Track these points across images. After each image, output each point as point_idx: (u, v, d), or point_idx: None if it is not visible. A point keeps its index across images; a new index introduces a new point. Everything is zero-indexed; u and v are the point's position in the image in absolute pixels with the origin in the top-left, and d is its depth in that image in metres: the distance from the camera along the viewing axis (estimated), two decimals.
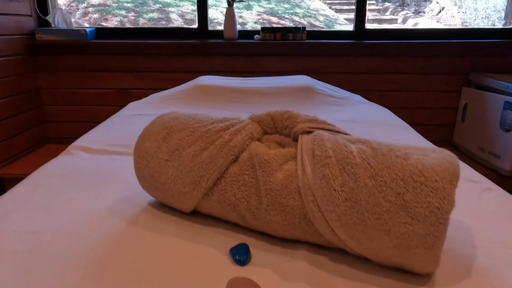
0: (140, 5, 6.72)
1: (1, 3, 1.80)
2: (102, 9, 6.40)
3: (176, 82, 2.07)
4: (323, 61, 2.05)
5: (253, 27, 6.44)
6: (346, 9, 9.23)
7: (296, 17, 6.99)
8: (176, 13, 6.57)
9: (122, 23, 6.17)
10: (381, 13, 9.66)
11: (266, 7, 7.43)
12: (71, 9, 6.48)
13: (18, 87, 1.93)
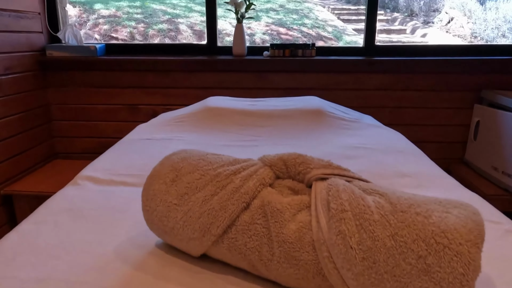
0: (149, 16, 6.78)
1: (13, 20, 1.81)
2: (112, 20, 6.47)
3: (185, 98, 2.07)
4: (333, 78, 2.03)
5: (262, 38, 6.46)
6: (355, 20, 9.23)
7: (305, 28, 6.99)
8: (185, 24, 6.62)
9: (131, 34, 6.22)
10: (390, 23, 9.64)
11: (275, 18, 7.45)
12: (81, 20, 6.56)
13: (28, 103, 1.94)
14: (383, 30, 8.84)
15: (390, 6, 10.35)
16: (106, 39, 6.23)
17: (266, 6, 8.49)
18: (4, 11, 1.76)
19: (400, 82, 2.03)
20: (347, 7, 10.43)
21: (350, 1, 11.28)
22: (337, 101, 2.05)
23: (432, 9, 9.24)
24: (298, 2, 9.44)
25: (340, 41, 7.05)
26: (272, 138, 1.08)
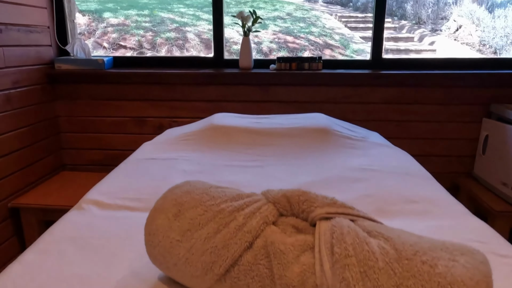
0: (157, 24, 6.83)
1: (23, 34, 1.84)
2: (121, 29, 6.53)
3: (192, 111, 2.07)
4: (340, 91, 2.02)
5: (269, 46, 6.47)
6: (362, 27, 9.22)
7: (312, 36, 7.00)
8: (193, 33, 6.66)
9: (139, 42, 6.27)
10: (397, 31, 9.61)
11: (282, 26, 7.47)
12: (90, 28, 6.63)
13: (36, 116, 1.96)
14: (390, 38, 8.83)
15: (397, 13, 10.33)
16: (115, 47, 6.29)
17: (274, 14, 8.51)
18: (14, 25, 1.78)
19: (407, 96, 2.01)
20: (354, 15, 10.43)
21: (358, 9, 11.29)
22: (344, 114, 2.04)
23: (440, 17, 9.20)
24: (305, 10, 9.46)
25: (347, 49, 7.05)
26: (277, 158, 1.08)
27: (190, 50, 6.38)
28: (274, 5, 9.58)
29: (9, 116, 1.77)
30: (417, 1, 9.58)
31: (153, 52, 6.24)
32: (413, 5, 9.64)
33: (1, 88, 1.72)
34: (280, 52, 6.35)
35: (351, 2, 11.89)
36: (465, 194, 2.02)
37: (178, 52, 6.29)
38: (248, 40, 2.06)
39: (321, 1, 12.55)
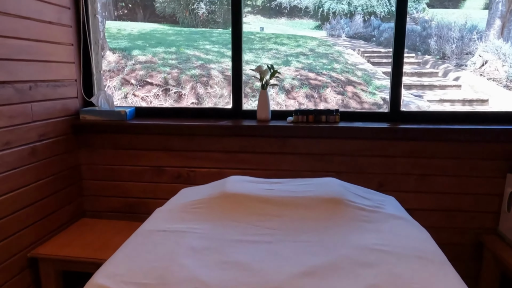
0: (183, 62, 7.06)
1: (51, 89, 1.93)
2: (148, 66, 6.77)
3: (210, 161, 2.10)
4: (357, 144, 2.01)
5: (291, 83, 6.55)
6: (385, 62, 9.23)
7: (334, 73, 7.06)
8: (217, 70, 6.83)
9: (165, 79, 6.47)
10: (421, 66, 9.57)
11: (304, 63, 7.58)
12: (119, 65, 6.90)
13: (59, 165, 2.02)
14: (414, 73, 8.78)
15: (421, 48, 10.32)
16: (142, 84, 6.52)
17: (296, 51, 8.66)
18: (43, 81, 1.88)
19: (427, 150, 1.98)
20: (377, 50, 10.49)
21: (381, 43, 11.35)
22: (362, 167, 2.02)
23: (465, 52, 9.13)
24: (328, 46, 9.58)
25: (370, 85, 7.05)
26: (287, 233, 1.07)
27: (213, 86, 6.53)
28: (297, 41, 9.75)
29: (33, 167, 1.84)
30: (441, 36, 9.56)
31: (178, 88, 6.42)
32: (436, 40, 9.62)
33: (28, 142, 1.80)
34: (302, 89, 6.42)
35: (374, 37, 11.98)
36: (489, 252, 1.93)
37: (202, 89, 6.45)
38: (265, 93, 2.10)
39: (344, 36, 12.71)
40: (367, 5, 13.95)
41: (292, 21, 16.15)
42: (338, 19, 13.29)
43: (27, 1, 1.75)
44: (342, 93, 6.53)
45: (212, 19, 12.36)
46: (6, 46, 1.64)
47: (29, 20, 1.77)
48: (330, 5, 14.09)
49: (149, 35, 9.37)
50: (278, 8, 16.19)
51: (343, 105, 6.37)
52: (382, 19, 13.42)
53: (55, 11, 1.93)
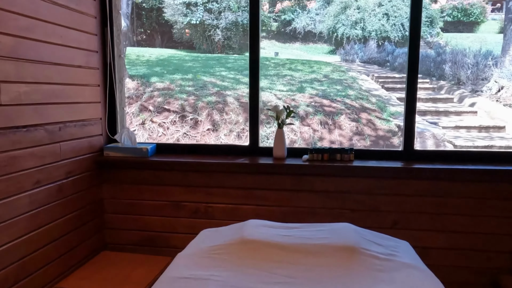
0: (200, 89, 7.24)
1: (78, 129, 2.04)
2: (166, 93, 6.96)
3: (227, 197, 2.16)
4: (371, 182, 2.05)
5: (305, 110, 6.63)
6: (399, 88, 9.27)
7: (348, 100, 7.13)
8: (232, 96, 6.98)
9: (182, 106, 6.63)
10: (436, 92, 9.57)
11: (319, 89, 7.68)
12: (138, 92, 7.11)
13: (84, 200, 2.11)
14: (429, 99, 8.79)
15: (435, 74, 10.34)
16: (159, 110, 6.69)
17: (311, 77, 8.79)
18: (71, 122, 1.99)
19: (441, 189, 2.01)
20: (391, 75, 10.55)
21: (395, 69, 11.41)
22: (376, 205, 2.05)
23: (481, 78, 9.11)
24: (342, 72, 9.70)
25: (384, 112, 7.08)
26: (303, 282, 1.11)
27: (229, 113, 6.66)
28: (312, 67, 9.90)
29: (60, 204, 1.93)
30: (456, 62, 9.58)
31: (194, 115, 6.57)
32: (451, 66, 9.64)
33: (56, 180, 1.90)
34: (316, 115, 6.49)
35: (388, 62, 12.06)
36: None
37: (218, 115, 6.58)
38: (282, 132, 2.17)
39: (358, 61, 12.84)
40: (381, 30, 14.10)
41: (306, 46, 16.40)
42: (352, 44, 13.44)
43: (61, 49, 1.87)
44: (357, 120, 6.57)
45: (228, 45, 12.65)
46: (40, 91, 1.76)
47: (61, 66, 1.89)
48: (344, 30, 14.29)
49: (167, 62, 9.64)
50: (293, 33, 16.48)
51: (357, 132, 6.41)
52: (396, 44, 13.52)
53: (84, 55, 2.06)
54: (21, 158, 1.68)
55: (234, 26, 12.22)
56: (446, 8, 17.75)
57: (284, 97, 7.03)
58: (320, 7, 15.94)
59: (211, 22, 12.10)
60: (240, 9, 12.20)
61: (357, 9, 14.27)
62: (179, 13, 12.21)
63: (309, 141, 6.20)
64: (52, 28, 1.81)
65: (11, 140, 1.62)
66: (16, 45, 1.62)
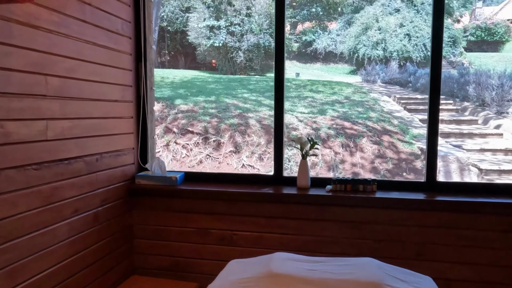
0: (222, 111, 7.40)
1: (113, 159, 2.17)
2: (190, 115, 7.15)
3: (252, 226, 2.23)
4: (394, 214, 2.09)
5: (327, 133, 6.68)
6: (422, 109, 9.22)
7: (370, 122, 7.14)
8: (254, 119, 7.10)
9: (205, 128, 6.79)
10: (460, 113, 9.46)
11: (340, 111, 7.73)
12: (163, 114, 7.32)
13: (116, 226, 2.22)
14: (452, 121, 8.70)
15: (459, 95, 10.24)
16: (183, 132, 6.86)
17: (332, 98, 8.86)
18: (107, 153, 2.12)
19: (465, 221, 2.02)
20: (413, 96, 10.52)
21: (417, 89, 11.36)
22: (399, 236, 2.08)
23: (506, 99, 8.97)
24: (363, 93, 9.73)
25: (407, 135, 7.05)
26: None
27: (251, 135, 6.77)
28: (333, 88, 9.97)
29: (95, 231, 2.04)
30: (480, 83, 9.47)
31: (217, 137, 6.71)
32: (475, 87, 9.54)
33: (92, 208, 2.01)
34: (338, 138, 6.53)
35: (410, 82, 12.02)
36: None
37: (240, 137, 6.70)
38: (305, 162, 2.24)
39: (379, 81, 12.85)
40: (402, 50, 14.10)
41: (327, 66, 16.53)
42: (373, 65, 13.48)
43: (100, 86, 2.02)
44: (378, 142, 6.57)
45: (249, 66, 12.89)
46: (81, 126, 1.90)
47: (100, 101, 2.03)
48: (365, 51, 14.36)
49: (190, 83, 9.89)
50: (314, 54, 16.65)
51: (379, 154, 6.40)
52: (418, 65, 13.48)
53: (120, 90, 2.20)
54: (62, 189, 1.80)
55: (256, 48, 12.47)
56: (469, 27, 17.64)
57: (306, 120, 7.10)
58: (341, 28, 16.12)
59: (233, 44, 12.40)
60: (262, 32, 12.48)
61: (378, 30, 14.36)
62: (203, 36, 12.58)
63: (331, 163, 6.22)
64: (93, 67, 1.96)
65: (54, 172, 1.75)
66: (62, 85, 1.76)
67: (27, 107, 1.58)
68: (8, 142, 1.51)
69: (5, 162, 1.50)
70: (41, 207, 1.68)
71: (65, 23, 1.75)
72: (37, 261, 1.67)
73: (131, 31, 2.30)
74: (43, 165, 1.68)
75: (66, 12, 1.76)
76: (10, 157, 1.52)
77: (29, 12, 1.56)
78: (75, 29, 1.82)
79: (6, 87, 1.49)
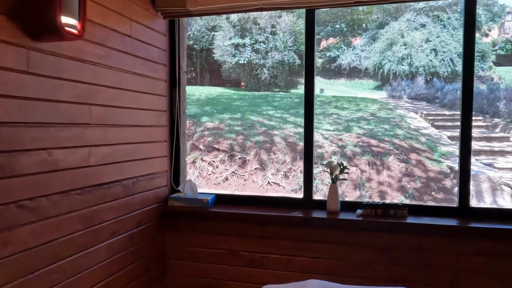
0: (248, 128, 7.48)
1: (148, 182, 2.25)
2: (216, 132, 7.26)
3: (282, 249, 2.25)
4: (426, 240, 2.07)
5: (353, 150, 6.65)
6: (450, 126, 9.04)
7: (396, 140, 7.06)
8: (280, 136, 7.14)
9: (231, 146, 6.87)
10: (490, 130, 9.22)
11: (366, 128, 7.68)
12: (189, 132, 7.46)
13: (150, 247, 2.29)
14: (483, 138, 8.48)
15: (489, 111, 9.99)
16: (209, 150, 6.96)
17: (357, 115, 8.82)
18: (143, 176, 2.20)
19: (499, 249, 1.98)
20: (441, 113, 10.32)
21: (445, 105, 11.15)
22: (431, 263, 2.05)
23: None
24: (389, 110, 9.64)
25: (435, 153, 6.93)
26: None
27: (276, 153, 6.80)
28: (358, 105, 9.93)
29: (131, 251, 2.11)
30: (511, 99, 9.23)
31: (242, 154, 6.77)
32: (506, 103, 9.30)
33: (128, 229, 2.09)
34: (364, 156, 6.48)
35: (437, 98, 11.82)
36: None
37: (266, 155, 6.74)
38: (335, 186, 2.26)
39: (405, 97, 12.69)
40: (429, 65, 13.92)
41: (351, 82, 16.46)
42: (399, 80, 13.34)
43: (137, 112, 2.11)
44: (406, 160, 6.48)
45: (274, 83, 13.00)
46: (120, 151, 1.99)
47: (137, 127, 2.12)
48: (390, 66, 14.25)
49: (215, 100, 10.06)
50: (338, 69, 16.64)
51: (407, 173, 6.30)
52: (445, 80, 13.26)
53: (156, 115, 2.30)
54: (102, 212, 1.88)
55: (280, 64, 12.59)
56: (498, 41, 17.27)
57: (331, 137, 7.09)
58: (365, 43, 16.09)
59: (258, 62, 12.56)
60: (286, 49, 12.60)
61: (404, 45, 14.25)
62: (228, 54, 12.80)
63: (357, 182, 6.17)
64: (131, 95, 2.05)
65: (95, 196, 1.83)
66: (104, 114, 1.86)
67: (73, 135, 1.68)
68: (55, 169, 1.60)
69: (52, 188, 1.59)
70: (82, 230, 1.76)
71: (108, 55, 1.86)
72: (79, 282, 1.74)
73: (166, 59, 2.40)
74: (85, 189, 1.77)
75: (109, 45, 1.87)
76: (56, 183, 1.61)
77: (77, 47, 1.67)
78: (116, 60, 1.92)
79: (55, 118, 1.59)
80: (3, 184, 1.38)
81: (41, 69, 1.51)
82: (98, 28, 1.79)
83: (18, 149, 1.43)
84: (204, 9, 2.21)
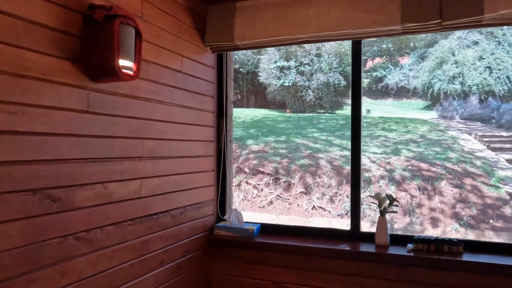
0: (293, 151, 7.46)
1: (195, 211, 2.29)
2: (261, 155, 7.30)
3: (330, 283, 2.19)
4: (484, 279, 1.94)
5: (401, 175, 6.41)
6: (508, 148, 8.49)
7: (449, 163, 6.73)
8: (325, 159, 7.05)
9: (276, 169, 6.87)
10: None
11: (415, 151, 7.40)
12: (235, 155, 7.56)
13: (195, 276, 2.31)
14: None
15: None
16: (254, 173, 7.00)
17: (406, 137, 8.53)
18: (190, 205, 2.25)
19: None
20: (498, 134, 9.74)
21: (502, 126, 10.52)
22: None
23: None
24: (440, 131, 9.24)
25: (492, 177, 6.52)
26: None
27: (322, 176, 6.71)
28: (407, 126, 9.61)
29: (178, 280, 2.15)
30: None
31: (287, 178, 6.75)
32: None
33: (176, 258, 2.13)
34: (414, 180, 6.23)
35: (493, 118, 11.19)
36: None
37: (311, 178, 6.67)
38: (384, 219, 2.18)
39: (457, 118, 12.13)
40: (483, 84, 13.28)
41: (399, 102, 16.03)
42: (451, 100, 12.81)
43: (186, 144, 2.18)
44: (460, 186, 6.15)
45: (319, 104, 12.95)
46: (169, 182, 2.05)
47: (186, 158, 2.19)
48: (440, 86, 13.74)
49: (260, 123, 10.16)
50: (385, 89, 16.28)
51: (461, 199, 5.97)
52: (501, 99, 12.57)
53: (203, 146, 2.36)
54: (151, 242, 1.94)
55: (325, 86, 12.54)
56: None
57: (379, 160, 6.90)
58: (413, 62, 15.68)
59: (303, 84, 12.59)
60: (331, 70, 12.56)
61: (455, 63, 13.73)
62: (273, 76, 12.96)
63: (407, 207, 5.93)
64: (181, 127, 2.13)
65: (145, 227, 1.90)
66: (155, 147, 1.94)
67: (126, 169, 1.76)
68: (110, 201, 1.68)
69: (106, 219, 1.67)
70: (133, 259, 1.82)
71: (159, 91, 1.95)
72: None
73: (214, 90, 2.48)
74: (136, 220, 1.84)
75: (161, 81, 1.96)
76: (110, 215, 1.69)
77: (132, 85, 1.77)
78: (167, 95, 2.01)
79: (110, 153, 1.68)
80: (62, 218, 1.46)
81: (99, 107, 1.61)
82: (151, 66, 1.89)
83: (77, 184, 1.52)
84: (251, 43, 2.27)
